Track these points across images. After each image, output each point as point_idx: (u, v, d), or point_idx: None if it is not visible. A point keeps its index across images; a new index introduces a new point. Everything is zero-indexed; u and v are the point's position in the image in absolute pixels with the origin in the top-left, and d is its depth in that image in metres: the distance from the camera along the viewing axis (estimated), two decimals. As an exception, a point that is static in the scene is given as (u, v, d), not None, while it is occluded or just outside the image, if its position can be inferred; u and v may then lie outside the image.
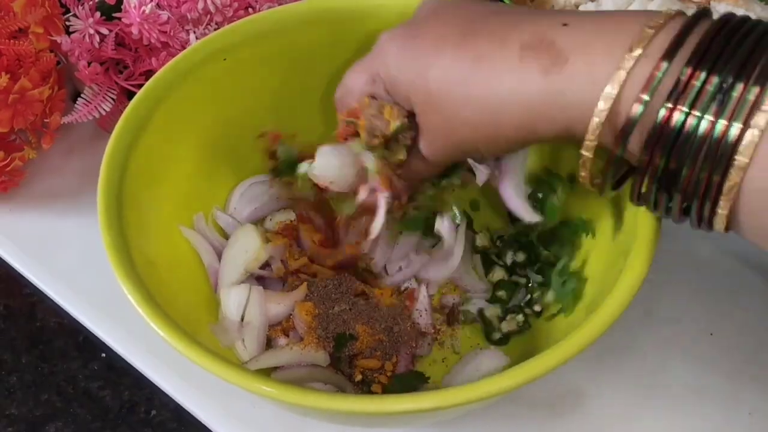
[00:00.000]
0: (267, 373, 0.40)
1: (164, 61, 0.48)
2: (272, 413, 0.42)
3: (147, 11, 0.47)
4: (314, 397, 0.30)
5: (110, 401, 0.45)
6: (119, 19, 0.49)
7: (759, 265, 0.49)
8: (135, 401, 0.45)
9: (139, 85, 0.41)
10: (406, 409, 0.30)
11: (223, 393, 0.42)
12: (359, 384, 0.42)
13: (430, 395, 0.30)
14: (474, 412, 0.42)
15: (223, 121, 0.46)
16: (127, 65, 0.51)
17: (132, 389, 0.45)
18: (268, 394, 0.30)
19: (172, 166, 0.43)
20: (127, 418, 0.44)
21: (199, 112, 0.44)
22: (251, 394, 0.31)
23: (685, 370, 0.45)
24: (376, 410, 0.30)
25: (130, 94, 0.49)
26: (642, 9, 0.62)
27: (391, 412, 0.30)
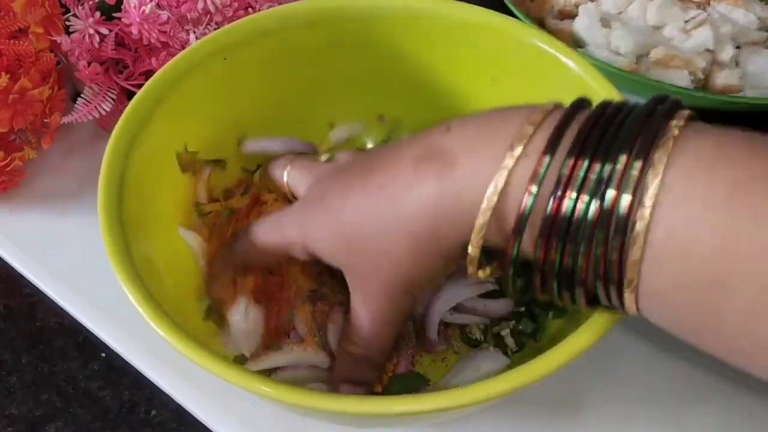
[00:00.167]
0: (267, 374, 0.40)
1: (164, 61, 0.48)
2: (272, 413, 0.42)
3: (147, 11, 0.47)
4: (314, 397, 0.30)
5: (110, 401, 0.45)
6: (119, 19, 0.49)
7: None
8: (135, 401, 0.45)
9: (139, 85, 0.41)
10: (407, 411, 0.30)
11: (223, 393, 0.42)
12: None
13: (431, 397, 0.30)
14: (475, 413, 0.42)
15: (223, 120, 0.46)
16: (127, 65, 0.51)
17: (132, 389, 0.45)
18: (268, 394, 0.30)
19: (172, 165, 0.43)
20: (127, 418, 0.44)
21: (199, 112, 0.44)
22: (251, 394, 0.31)
23: (685, 370, 0.45)
24: (376, 411, 0.30)
25: (130, 94, 0.49)
26: (641, 9, 0.61)
27: (392, 413, 0.30)
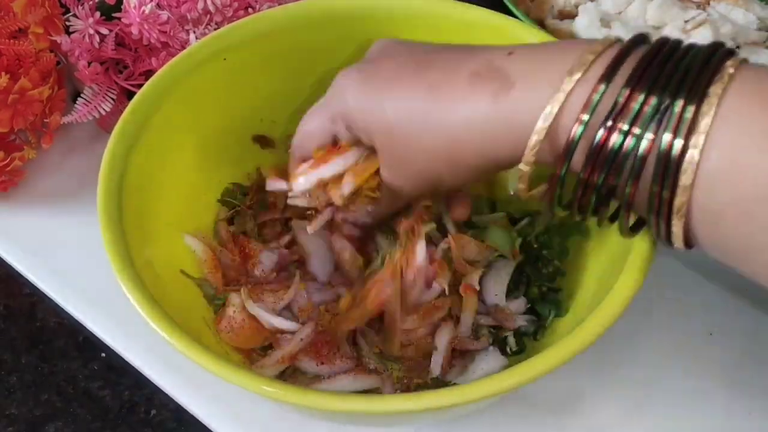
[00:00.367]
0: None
1: (164, 61, 0.48)
2: (272, 413, 0.42)
3: (147, 11, 0.47)
4: (314, 397, 0.30)
5: (110, 401, 0.45)
6: (119, 19, 0.49)
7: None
8: (135, 401, 0.45)
9: (139, 85, 0.41)
10: (406, 409, 0.30)
11: (223, 393, 0.42)
12: None
13: (430, 395, 0.30)
14: (474, 412, 0.42)
15: (223, 120, 0.46)
16: (127, 65, 0.51)
17: (132, 389, 0.45)
18: (268, 394, 0.30)
19: (172, 165, 0.43)
20: (127, 418, 0.44)
21: (199, 112, 0.44)
22: (251, 394, 0.31)
23: (685, 370, 0.45)
24: (375, 410, 0.30)
25: (130, 94, 0.49)
26: (641, 9, 0.62)
27: (391, 411, 0.30)
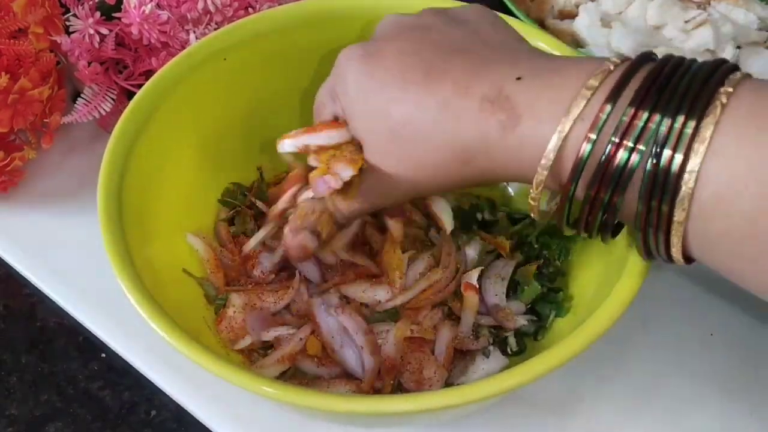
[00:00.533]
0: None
1: (164, 61, 0.48)
2: (272, 413, 0.42)
3: (147, 11, 0.47)
4: (314, 397, 0.30)
5: (110, 401, 0.45)
6: (119, 19, 0.49)
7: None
8: (135, 401, 0.45)
9: (139, 85, 0.41)
10: (406, 410, 0.30)
11: (223, 393, 0.42)
12: None
13: (430, 395, 0.30)
14: (474, 413, 0.42)
15: (223, 120, 0.46)
16: (127, 65, 0.51)
17: (132, 389, 0.45)
18: (268, 394, 0.30)
19: (172, 165, 0.43)
20: (127, 419, 0.44)
21: (199, 112, 0.44)
22: (251, 394, 0.31)
23: (685, 371, 0.45)
24: (375, 411, 0.30)
25: (130, 94, 0.49)
26: (642, 9, 0.62)
27: (391, 412, 0.30)
